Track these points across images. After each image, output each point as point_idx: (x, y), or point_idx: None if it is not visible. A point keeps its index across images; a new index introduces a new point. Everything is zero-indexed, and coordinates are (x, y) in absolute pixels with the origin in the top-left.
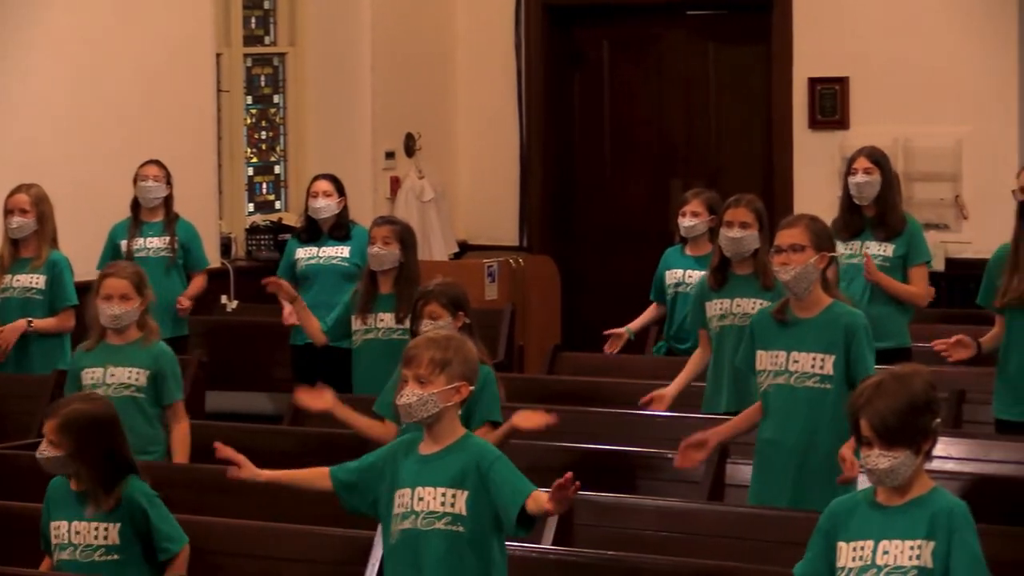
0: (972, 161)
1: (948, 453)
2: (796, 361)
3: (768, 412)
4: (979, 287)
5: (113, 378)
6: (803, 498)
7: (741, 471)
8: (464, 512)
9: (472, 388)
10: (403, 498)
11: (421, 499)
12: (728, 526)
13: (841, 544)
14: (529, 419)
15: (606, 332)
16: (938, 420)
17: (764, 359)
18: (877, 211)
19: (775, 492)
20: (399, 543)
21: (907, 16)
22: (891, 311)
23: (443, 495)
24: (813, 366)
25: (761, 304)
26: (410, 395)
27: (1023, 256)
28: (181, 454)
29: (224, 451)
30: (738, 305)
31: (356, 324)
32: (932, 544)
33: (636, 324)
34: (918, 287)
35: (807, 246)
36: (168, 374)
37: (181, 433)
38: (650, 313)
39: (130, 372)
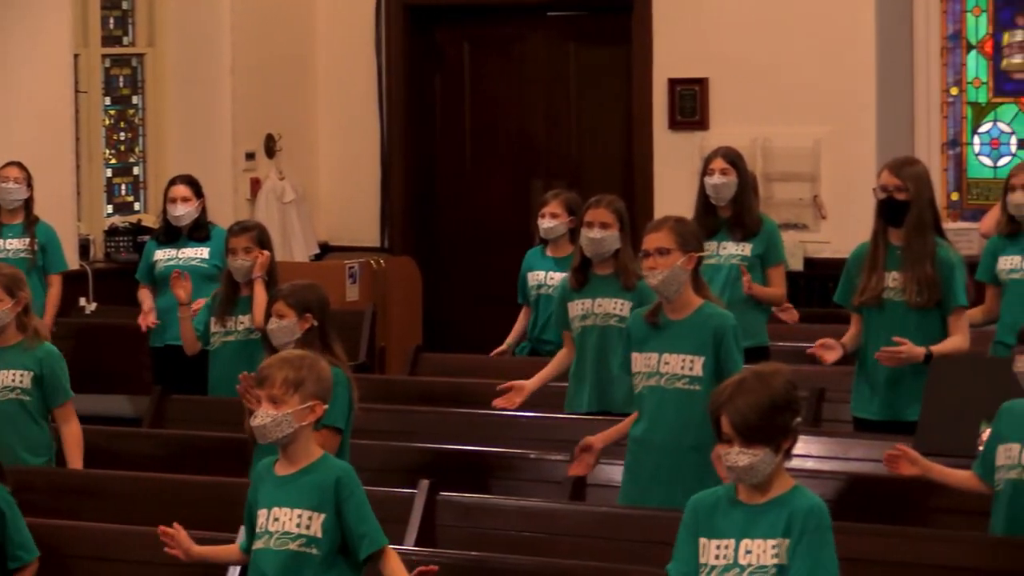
0: (830, 161)
1: (808, 451)
2: (667, 363)
3: (641, 413)
4: (837, 286)
5: None
6: (673, 498)
7: (603, 471)
8: (319, 535)
9: (326, 407)
10: (261, 519)
11: (276, 520)
12: (590, 526)
13: (703, 540)
14: None
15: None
16: (799, 419)
17: (638, 361)
18: (733, 212)
19: (645, 492)
20: (253, 562)
21: (766, 17)
22: (750, 311)
23: (299, 517)
24: (683, 367)
25: (622, 304)
26: (264, 416)
27: (881, 255)
28: (75, 456)
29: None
30: (599, 305)
31: (215, 326)
32: (787, 542)
33: (513, 336)
34: (780, 288)
35: (673, 248)
36: (54, 376)
37: (72, 435)
38: (522, 318)
39: (13, 375)
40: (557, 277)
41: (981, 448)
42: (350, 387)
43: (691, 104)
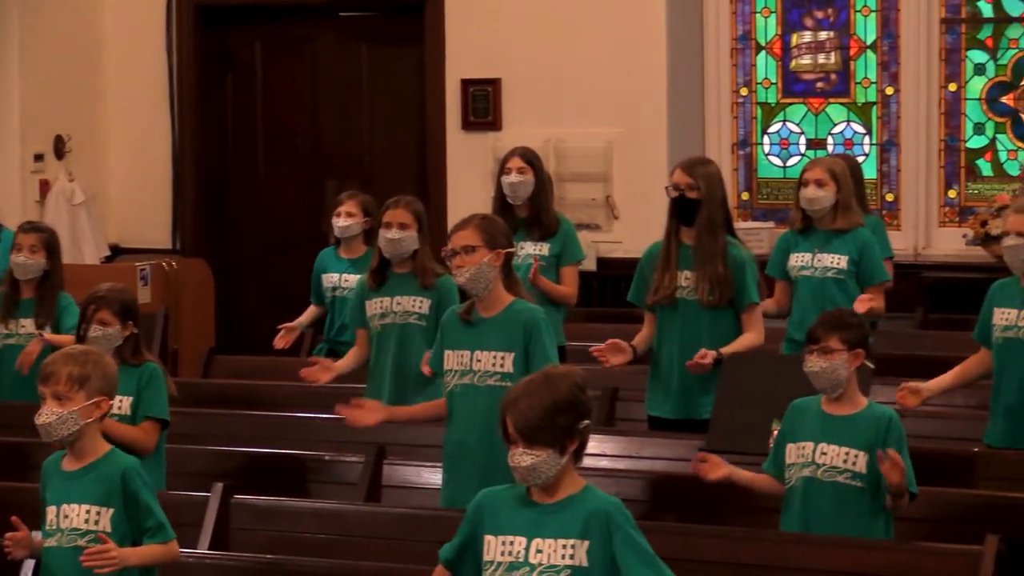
0: (622, 161)
1: (602, 450)
2: (479, 360)
3: (453, 412)
4: (630, 286)
5: None
6: None
7: (398, 472)
8: (108, 529)
9: (112, 402)
10: (50, 516)
11: (66, 517)
12: (385, 527)
13: (489, 537)
14: None
15: (280, 326)
16: (586, 421)
17: (450, 359)
18: (530, 211)
19: (463, 493)
20: (44, 561)
21: (559, 18)
22: (547, 311)
23: (87, 512)
24: (494, 364)
25: (421, 302)
26: (49, 414)
27: (674, 254)
28: None
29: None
30: (398, 303)
31: None
32: (587, 543)
33: (304, 318)
34: (570, 287)
35: (479, 246)
36: None
37: None
38: (311, 312)
39: None
40: (352, 279)
41: (772, 446)
42: (167, 380)
43: (484, 105)
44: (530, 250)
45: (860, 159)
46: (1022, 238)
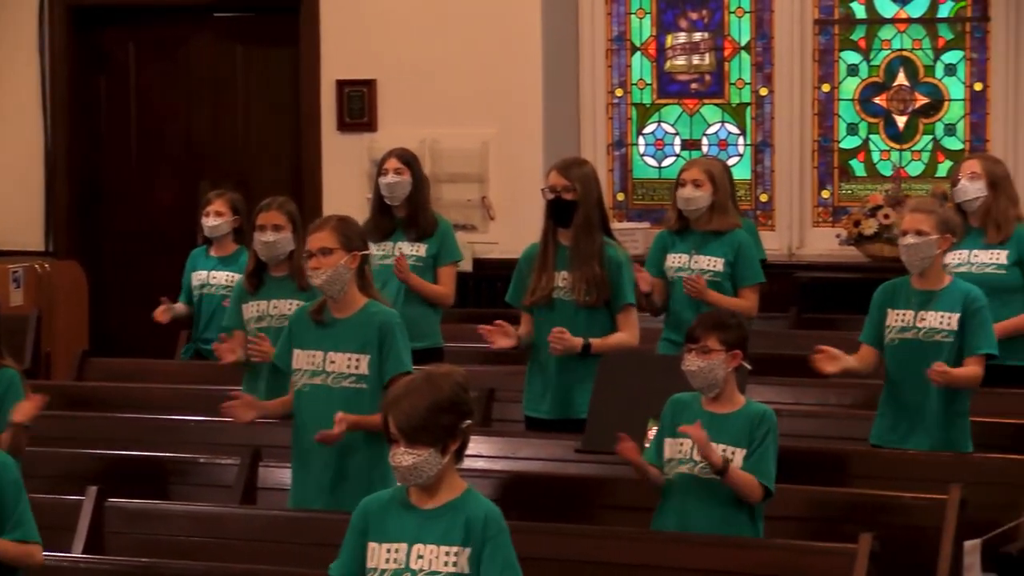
0: (498, 162)
1: (479, 451)
2: (332, 361)
3: (302, 413)
4: (507, 286)
5: None
6: (341, 501)
7: (273, 474)
8: None
9: None
10: None
11: None
12: (261, 529)
13: (373, 544)
14: (23, 410)
15: (162, 298)
16: (468, 421)
17: (301, 358)
18: (408, 212)
19: (312, 495)
20: None
21: (434, 19)
22: (425, 312)
23: None
24: (348, 366)
25: (298, 305)
26: None
27: (550, 255)
28: None
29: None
30: (275, 307)
31: None
32: (468, 550)
33: (180, 308)
34: (446, 287)
35: (336, 248)
36: None
37: None
38: (181, 308)
39: None
40: (220, 276)
41: (648, 446)
42: (22, 388)
43: (359, 105)
44: (407, 251)
45: (734, 160)
46: (920, 237)
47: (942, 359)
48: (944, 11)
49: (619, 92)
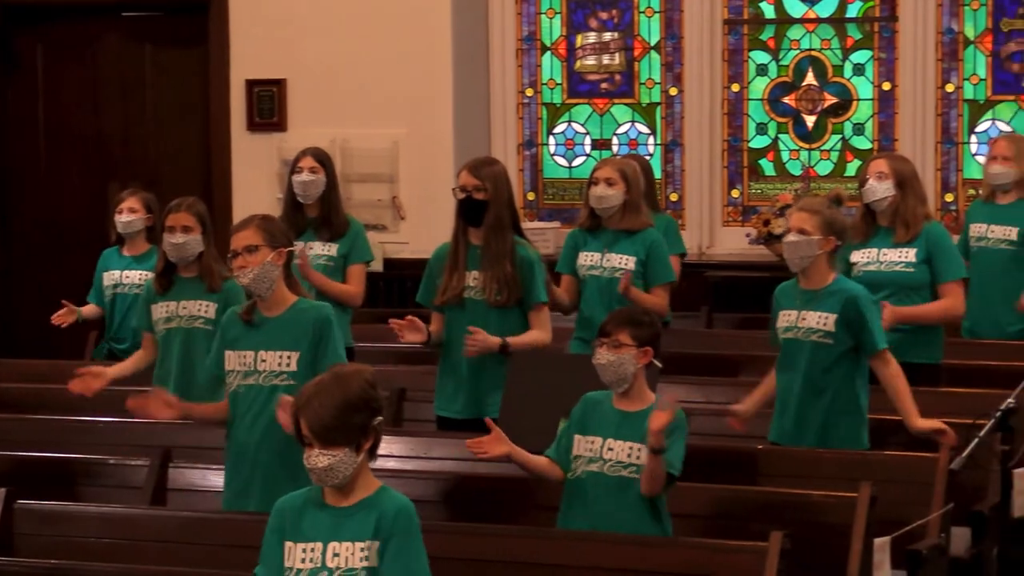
0: (408, 162)
1: (390, 451)
2: (264, 360)
3: (236, 413)
4: (418, 286)
5: None
6: (270, 500)
7: (184, 475)
8: None
9: None
10: None
11: None
12: (171, 531)
13: (289, 544)
14: None
15: (64, 301)
16: (379, 419)
17: (232, 359)
18: (321, 211)
19: (245, 495)
20: None
21: (344, 19)
22: (336, 312)
23: None
24: (279, 364)
25: (207, 306)
26: None
27: (461, 255)
28: None
29: None
30: (184, 308)
31: None
32: (377, 544)
33: (85, 311)
34: (355, 286)
35: (261, 245)
36: None
37: None
38: (90, 310)
39: None
40: (132, 275)
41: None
42: None
43: (269, 105)
44: (319, 250)
45: (646, 159)
46: (802, 235)
47: (822, 361)
48: (852, 11)
49: (529, 92)
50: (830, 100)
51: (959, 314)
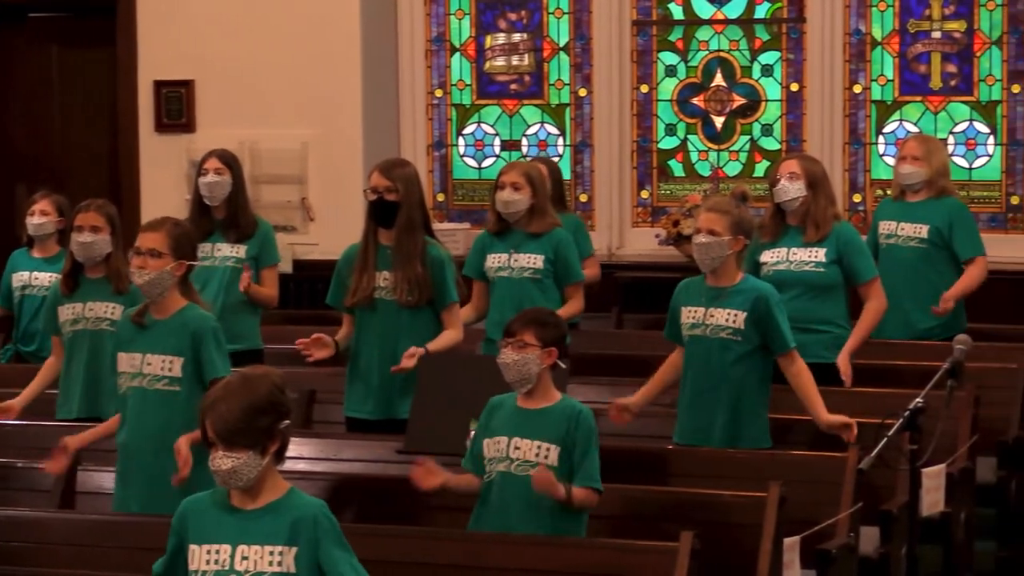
0: (317, 163)
1: (299, 453)
2: (149, 363)
3: (125, 415)
4: (327, 288)
5: None
6: (159, 503)
7: (93, 479)
8: None
9: None
10: None
11: None
12: (80, 534)
13: (193, 547)
14: None
15: None
16: (286, 422)
17: (123, 361)
18: (228, 213)
19: (132, 498)
20: None
21: (253, 20)
22: (244, 314)
23: None
24: (163, 368)
25: (114, 308)
26: None
27: (372, 256)
28: None
29: None
30: (90, 309)
31: None
32: (295, 550)
33: None
34: (271, 289)
35: (166, 253)
36: None
37: None
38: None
39: None
40: (42, 277)
41: (469, 445)
42: None
43: (177, 106)
44: (227, 252)
45: (554, 160)
46: (712, 236)
47: (729, 359)
48: (761, 12)
49: (439, 93)
50: (738, 101)
51: (885, 309)
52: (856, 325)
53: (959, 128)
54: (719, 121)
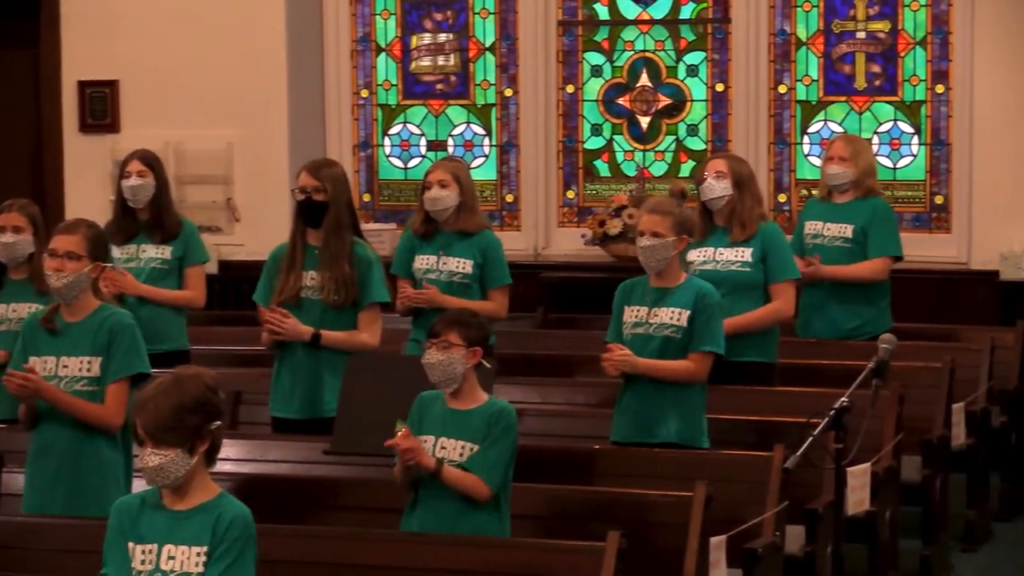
0: (244, 164)
1: (226, 454)
2: (65, 366)
3: (39, 417)
4: (253, 288)
5: None
6: (76, 505)
7: (17, 480)
8: None
9: None
10: None
11: None
12: (6, 536)
13: (131, 545)
14: None
15: None
16: (218, 422)
17: (35, 365)
18: (151, 214)
19: (47, 500)
20: None
21: (178, 20)
22: (169, 314)
23: None
24: (81, 369)
25: (38, 309)
26: None
27: (299, 255)
28: None
29: None
30: (14, 310)
31: None
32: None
33: None
34: (196, 290)
35: (83, 256)
36: None
37: None
38: None
39: None
40: None
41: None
42: None
43: (102, 107)
44: (152, 254)
45: (479, 161)
46: (656, 238)
47: (669, 356)
48: (686, 12)
49: (364, 93)
50: (664, 101)
51: (789, 315)
52: (751, 312)
53: (883, 128)
54: (645, 121)
